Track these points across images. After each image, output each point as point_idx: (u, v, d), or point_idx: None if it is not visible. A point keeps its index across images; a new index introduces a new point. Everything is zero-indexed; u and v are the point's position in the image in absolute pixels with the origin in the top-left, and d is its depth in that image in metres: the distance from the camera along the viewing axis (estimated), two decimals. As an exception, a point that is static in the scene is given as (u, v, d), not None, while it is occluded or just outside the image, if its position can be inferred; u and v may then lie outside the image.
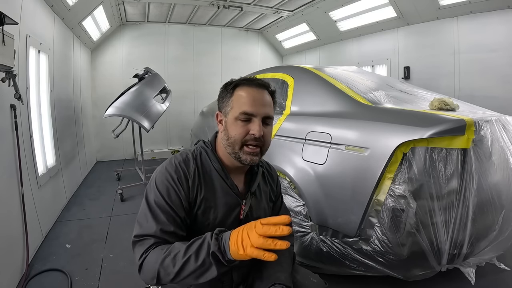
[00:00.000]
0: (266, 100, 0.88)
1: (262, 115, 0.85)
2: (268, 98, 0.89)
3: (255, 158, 0.86)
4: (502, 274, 1.63)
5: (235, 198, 0.91)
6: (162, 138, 5.46)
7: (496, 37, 2.77)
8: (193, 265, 0.71)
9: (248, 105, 0.85)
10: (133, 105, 3.15)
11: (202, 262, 0.70)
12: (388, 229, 1.32)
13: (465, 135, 1.28)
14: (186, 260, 0.71)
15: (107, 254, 2.06)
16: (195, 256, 0.71)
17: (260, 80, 0.91)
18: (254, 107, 0.85)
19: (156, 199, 0.82)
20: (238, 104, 0.86)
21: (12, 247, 1.73)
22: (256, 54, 6.18)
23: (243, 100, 0.86)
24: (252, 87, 0.88)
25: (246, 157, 0.85)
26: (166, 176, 0.85)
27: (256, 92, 0.87)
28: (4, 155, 1.74)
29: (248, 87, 0.88)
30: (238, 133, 0.85)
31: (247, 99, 0.86)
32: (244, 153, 0.86)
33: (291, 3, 4.27)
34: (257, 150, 0.86)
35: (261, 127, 0.84)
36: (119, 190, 3.21)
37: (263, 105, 0.86)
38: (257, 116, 0.85)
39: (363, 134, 1.49)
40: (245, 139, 0.85)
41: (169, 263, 0.72)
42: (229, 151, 0.88)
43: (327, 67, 2.25)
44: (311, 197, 1.64)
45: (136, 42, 5.20)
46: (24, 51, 2.11)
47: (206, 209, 0.87)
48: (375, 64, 4.09)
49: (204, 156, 0.92)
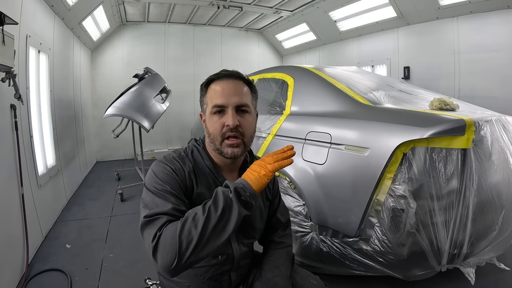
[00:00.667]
0: (238, 90, 0.87)
1: (234, 104, 0.85)
2: (240, 86, 0.89)
3: (236, 150, 0.85)
4: (502, 274, 1.62)
5: None
6: (162, 138, 5.46)
7: (496, 37, 2.77)
8: (214, 217, 0.70)
9: (218, 97, 0.85)
10: (133, 105, 3.15)
11: (223, 210, 0.70)
12: (388, 229, 1.32)
13: (465, 135, 1.28)
14: (208, 214, 0.70)
15: (107, 254, 2.06)
16: (214, 207, 0.71)
17: (230, 71, 0.91)
18: (224, 97, 0.85)
19: (159, 186, 0.80)
20: (211, 99, 0.87)
21: (12, 247, 1.73)
22: (256, 54, 6.18)
23: (214, 94, 0.87)
24: (222, 80, 0.88)
25: (227, 150, 0.85)
26: (163, 166, 0.85)
27: (225, 83, 0.87)
28: (4, 155, 1.74)
29: (218, 81, 0.89)
30: (215, 127, 0.85)
31: (217, 92, 0.86)
32: (225, 146, 0.85)
33: (291, 3, 4.27)
34: (238, 142, 0.85)
35: (234, 116, 0.84)
36: (119, 190, 3.21)
37: (234, 94, 0.86)
38: (229, 106, 0.85)
39: (363, 134, 1.49)
40: (223, 132, 0.85)
41: (190, 227, 0.69)
42: (213, 147, 0.88)
43: (327, 67, 2.25)
44: (311, 197, 1.63)
45: (136, 42, 5.20)
46: (24, 51, 2.11)
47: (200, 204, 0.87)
48: (375, 64, 4.08)
49: (196, 153, 0.92)
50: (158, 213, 0.74)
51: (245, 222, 0.93)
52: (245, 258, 0.97)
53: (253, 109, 0.91)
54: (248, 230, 0.96)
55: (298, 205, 1.74)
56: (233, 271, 0.94)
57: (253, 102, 0.91)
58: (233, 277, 0.94)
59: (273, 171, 0.75)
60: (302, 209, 1.72)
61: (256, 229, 0.99)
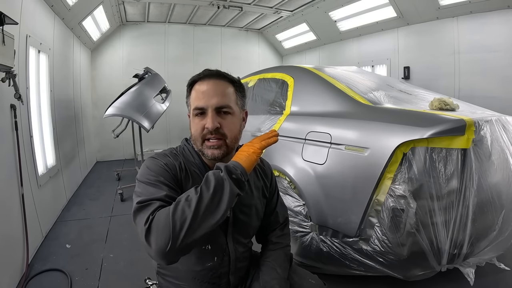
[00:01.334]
0: (218, 90, 0.85)
1: (213, 106, 0.83)
2: (222, 87, 0.86)
3: (217, 151, 0.84)
4: (502, 274, 1.62)
5: None
6: (162, 138, 5.46)
7: (496, 37, 2.77)
8: (207, 195, 0.70)
9: (198, 100, 0.85)
10: (133, 105, 3.15)
11: (214, 188, 0.71)
12: (388, 229, 1.32)
13: (465, 135, 1.28)
14: (200, 194, 0.70)
15: (107, 254, 2.06)
16: (205, 186, 0.72)
17: (211, 71, 0.89)
18: (203, 99, 0.84)
19: (151, 177, 0.80)
20: (193, 101, 0.87)
21: (12, 247, 1.73)
22: (256, 54, 6.18)
23: (195, 96, 0.86)
24: (202, 81, 0.87)
25: (207, 151, 0.85)
26: (156, 161, 0.85)
27: (205, 84, 0.86)
28: (4, 155, 1.74)
29: (199, 82, 0.87)
30: (195, 129, 0.85)
31: (197, 94, 0.86)
32: (205, 147, 0.85)
33: (291, 3, 4.27)
34: (219, 143, 0.84)
35: (213, 118, 0.82)
36: (119, 190, 3.21)
37: (214, 95, 0.84)
38: (208, 108, 0.83)
39: (363, 134, 1.49)
40: (203, 133, 0.84)
41: (183, 206, 0.69)
42: (196, 148, 0.89)
43: (327, 67, 2.25)
44: (311, 197, 1.63)
45: (136, 42, 5.20)
46: (24, 51, 2.11)
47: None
48: (375, 64, 4.08)
49: (187, 153, 0.92)
50: (151, 198, 0.74)
51: (240, 220, 0.92)
52: (242, 261, 0.96)
53: (238, 109, 0.89)
54: (244, 229, 0.95)
55: (298, 205, 1.74)
56: (231, 274, 0.93)
57: (237, 102, 0.89)
58: (232, 280, 0.93)
59: (261, 148, 0.80)
60: (302, 209, 1.72)
61: (252, 227, 0.98)
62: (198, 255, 0.87)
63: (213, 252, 0.89)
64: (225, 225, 0.90)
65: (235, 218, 0.91)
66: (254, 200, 0.97)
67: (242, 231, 0.95)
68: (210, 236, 0.86)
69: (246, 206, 0.94)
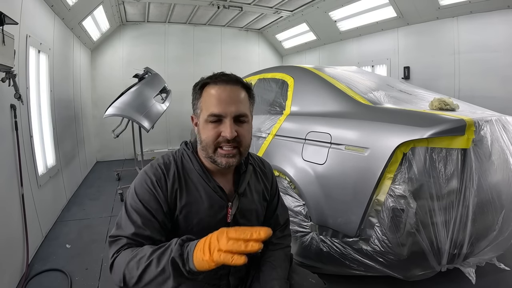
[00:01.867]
0: (236, 97, 0.81)
1: (232, 114, 0.79)
2: (239, 94, 0.82)
3: (231, 160, 0.81)
4: (502, 274, 1.62)
5: (220, 200, 0.87)
6: (162, 138, 5.46)
7: (496, 38, 2.77)
8: (154, 271, 0.66)
9: (216, 106, 0.79)
10: (133, 105, 3.15)
11: (163, 269, 0.65)
12: (388, 229, 1.32)
13: (465, 135, 1.28)
14: (148, 264, 0.67)
15: (107, 254, 2.05)
16: (157, 261, 0.66)
17: (228, 75, 0.84)
18: (222, 107, 0.78)
19: (133, 203, 0.79)
20: (206, 106, 0.81)
21: (12, 247, 1.73)
22: (256, 54, 6.18)
23: (210, 101, 0.80)
24: (219, 85, 0.81)
25: (221, 160, 0.80)
26: (145, 179, 0.82)
27: (223, 90, 0.80)
28: (4, 155, 1.73)
29: (214, 85, 0.81)
30: (209, 136, 0.80)
31: (214, 99, 0.79)
32: (219, 155, 0.80)
33: (291, 3, 4.27)
34: (234, 152, 0.80)
35: (232, 127, 0.78)
36: (119, 190, 3.22)
37: (233, 103, 0.79)
38: (227, 116, 0.79)
39: (363, 134, 1.49)
40: (218, 141, 0.80)
41: (133, 266, 0.69)
42: (204, 155, 0.83)
43: (327, 67, 2.25)
44: (311, 197, 1.63)
45: (136, 42, 5.20)
46: (24, 51, 2.11)
47: (188, 214, 0.83)
48: (375, 64, 4.08)
49: (186, 158, 0.88)
50: (120, 235, 0.77)
51: (241, 225, 0.92)
52: None
53: (251, 117, 0.86)
54: None
55: (298, 205, 1.74)
56: (231, 275, 0.92)
57: (250, 109, 0.86)
58: (232, 281, 0.93)
59: (216, 262, 0.60)
60: (302, 209, 1.72)
61: None
62: None
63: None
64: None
65: (235, 223, 0.90)
66: (254, 204, 0.96)
67: None
68: None
69: (247, 211, 0.93)
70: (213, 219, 0.86)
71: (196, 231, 0.82)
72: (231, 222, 0.88)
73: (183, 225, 0.84)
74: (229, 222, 0.88)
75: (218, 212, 0.87)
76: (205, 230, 0.83)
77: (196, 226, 0.84)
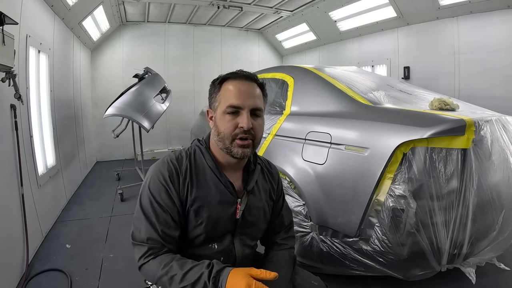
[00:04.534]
0: (253, 92, 0.87)
1: (249, 107, 0.84)
2: (255, 89, 0.88)
3: (247, 150, 0.85)
4: (502, 274, 1.63)
5: (230, 196, 0.89)
6: (162, 138, 5.46)
7: (496, 37, 2.77)
8: None
9: (235, 98, 0.84)
10: (133, 105, 3.15)
11: None
12: (388, 229, 1.32)
13: (465, 135, 1.28)
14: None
15: (107, 254, 2.06)
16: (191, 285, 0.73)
17: (246, 72, 0.89)
18: (241, 99, 0.84)
19: (148, 201, 0.83)
20: (225, 98, 0.85)
21: (12, 247, 1.73)
22: (256, 54, 6.18)
23: (229, 94, 0.85)
24: (238, 80, 0.87)
25: (238, 150, 0.84)
26: (158, 175, 0.85)
27: (242, 84, 0.86)
28: (4, 155, 1.73)
29: (234, 80, 0.87)
30: (227, 127, 0.84)
31: (233, 92, 0.85)
32: (235, 146, 0.84)
33: (291, 3, 4.27)
34: (249, 142, 0.85)
35: (249, 119, 0.83)
36: (119, 190, 3.21)
37: (250, 97, 0.85)
38: (245, 108, 0.84)
39: (363, 134, 1.49)
40: (235, 132, 0.84)
41: (165, 282, 0.75)
42: (221, 146, 0.87)
43: (327, 67, 2.25)
44: (311, 197, 1.63)
45: (136, 42, 5.21)
46: (24, 51, 2.11)
47: (199, 208, 0.86)
48: (375, 64, 4.08)
49: (198, 153, 0.91)
50: (141, 240, 0.82)
51: (249, 222, 0.93)
52: (247, 260, 0.96)
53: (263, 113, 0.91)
54: (251, 232, 0.96)
55: (298, 205, 1.74)
56: None
57: (264, 106, 0.91)
58: None
59: None
60: (302, 209, 1.72)
61: (259, 230, 0.99)
62: (203, 253, 0.87)
63: (219, 251, 0.89)
64: (233, 226, 0.91)
65: (244, 220, 0.92)
66: (262, 202, 0.98)
67: (250, 233, 0.95)
68: (216, 235, 0.88)
69: (254, 208, 0.95)
70: (223, 215, 0.88)
71: (206, 226, 0.85)
72: (240, 218, 0.91)
73: (193, 219, 0.86)
74: (237, 218, 0.91)
75: (228, 208, 0.89)
76: (215, 224, 0.86)
77: (206, 220, 0.86)
